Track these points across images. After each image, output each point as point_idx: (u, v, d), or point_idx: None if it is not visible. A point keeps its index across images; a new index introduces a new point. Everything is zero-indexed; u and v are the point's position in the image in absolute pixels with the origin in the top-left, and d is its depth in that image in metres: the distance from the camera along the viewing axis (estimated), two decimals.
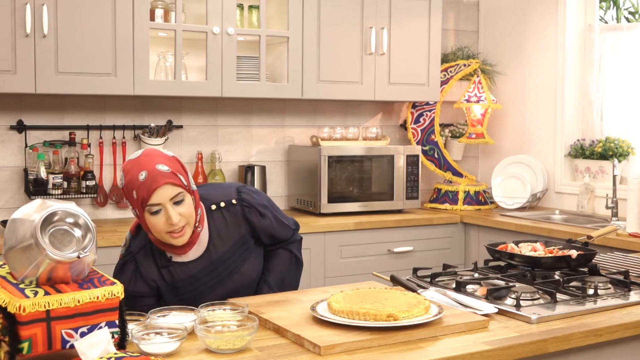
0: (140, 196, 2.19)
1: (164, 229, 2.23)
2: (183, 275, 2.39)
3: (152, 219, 2.23)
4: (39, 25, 3.70)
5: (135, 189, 2.20)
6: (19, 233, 1.71)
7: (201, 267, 2.41)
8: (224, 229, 2.45)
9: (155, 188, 2.18)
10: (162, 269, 2.38)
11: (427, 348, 1.91)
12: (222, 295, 2.42)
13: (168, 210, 2.20)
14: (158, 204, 2.20)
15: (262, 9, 4.29)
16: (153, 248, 2.37)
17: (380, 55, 4.65)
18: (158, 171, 2.20)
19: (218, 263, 2.43)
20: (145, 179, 2.19)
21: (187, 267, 2.39)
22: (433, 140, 5.11)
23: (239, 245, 2.47)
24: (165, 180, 2.20)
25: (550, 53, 4.98)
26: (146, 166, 2.21)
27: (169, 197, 2.21)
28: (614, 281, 2.56)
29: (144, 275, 2.37)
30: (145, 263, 2.37)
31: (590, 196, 4.63)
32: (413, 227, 4.53)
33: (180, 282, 2.39)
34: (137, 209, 2.25)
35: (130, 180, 2.22)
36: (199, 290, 2.41)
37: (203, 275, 2.41)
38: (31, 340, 1.66)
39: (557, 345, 2.04)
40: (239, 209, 2.48)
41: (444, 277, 2.65)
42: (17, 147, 4.07)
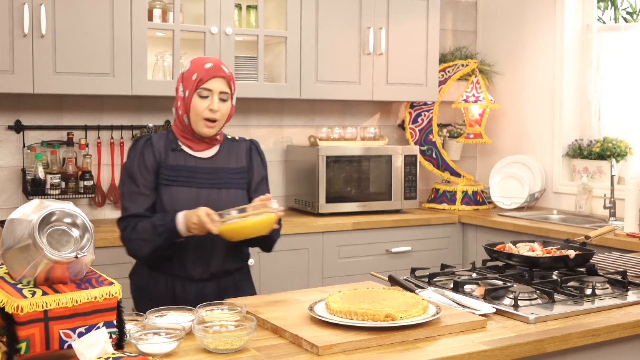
0: (199, 78, 2.58)
1: (203, 114, 2.60)
2: (185, 162, 2.65)
3: (198, 100, 2.60)
4: (37, 25, 3.70)
5: (197, 72, 2.60)
6: (17, 233, 1.71)
7: (202, 166, 2.67)
8: (233, 152, 2.76)
9: (215, 75, 2.59)
10: (171, 151, 2.66)
11: (425, 348, 1.91)
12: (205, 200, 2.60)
13: (214, 98, 2.60)
14: (210, 90, 2.60)
15: (260, 9, 4.29)
16: (169, 137, 2.69)
17: (378, 55, 4.65)
18: (222, 68, 2.63)
19: (215, 171, 2.68)
20: (210, 67, 2.60)
21: (191, 158, 2.67)
22: (431, 140, 5.12)
23: (238, 172, 2.74)
24: (224, 75, 2.61)
25: (548, 53, 4.99)
26: (214, 61, 2.64)
27: (220, 90, 2.61)
28: (612, 281, 2.56)
29: (155, 148, 2.64)
30: (157, 142, 2.67)
31: (588, 196, 4.63)
32: (411, 227, 4.54)
33: (181, 168, 2.64)
34: (189, 89, 2.60)
35: (195, 66, 2.62)
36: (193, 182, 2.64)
37: (200, 171, 2.66)
38: (29, 340, 1.66)
39: (554, 345, 2.04)
40: (247, 144, 2.82)
41: (442, 277, 2.65)
42: (15, 147, 4.07)
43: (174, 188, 2.62)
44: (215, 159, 2.71)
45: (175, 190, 2.62)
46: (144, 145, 2.66)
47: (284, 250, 4.11)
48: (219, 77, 2.60)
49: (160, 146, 2.66)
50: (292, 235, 4.14)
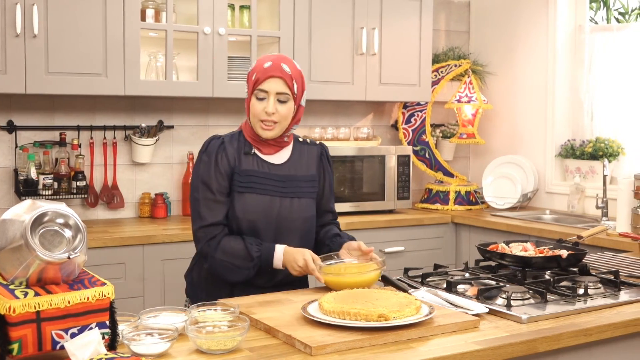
0: (256, 78, 2.52)
1: (260, 116, 2.52)
2: (258, 167, 2.58)
3: (255, 102, 2.53)
4: (29, 25, 3.69)
5: (256, 72, 2.53)
6: (9, 234, 1.71)
7: (274, 172, 2.59)
8: (304, 158, 2.68)
9: (270, 75, 2.50)
10: (244, 155, 2.58)
11: (418, 348, 1.91)
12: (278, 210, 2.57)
13: (270, 100, 2.51)
14: (265, 91, 2.51)
15: (253, 9, 4.29)
16: (240, 138, 2.61)
17: (371, 56, 4.65)
18: (281, 67, 2.51)
19: (288, 179, 2.60)
20: (268, 67, 2.51)
21: (264, 163, 2.59)
22: (424, 141, 5.12)
23: (309, 179, 2.66)
24: (281, 74, 2.50)
25: (541, 53, 5.00)
26: (274, 60, 2.54)
27: (276, 91, 2.51)
28: (604, 281, 2.57)
29: (228, 152, 2.57)
30: (230, 144, 2.59)
31: (581, 196, 4.64)
32: (404, 227, 4.54)
33: (252, 172, 2.56)
34: (249, 90, 2.56)
35: (257, 66, 2.55)
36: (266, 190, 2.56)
37: (272, 178, 2.58)
38: (21, 341, 1.65)
39: (547, 345, 2.04)
40: (318, 149, 2.74)
41: (435, 277, 2.65)
42: (7, 147, 4.06)
43: (247, 195, 2.54)
44: (287, 165, 2.62)
45: (248, 197, 2.54)
46: (218, 148, 2.57)
47: None
48: (275, 77, 2.50)
49: (234, 149, 2.58)
50: None
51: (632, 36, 4.63)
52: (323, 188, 2.74)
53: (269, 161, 2.60)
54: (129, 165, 4.37)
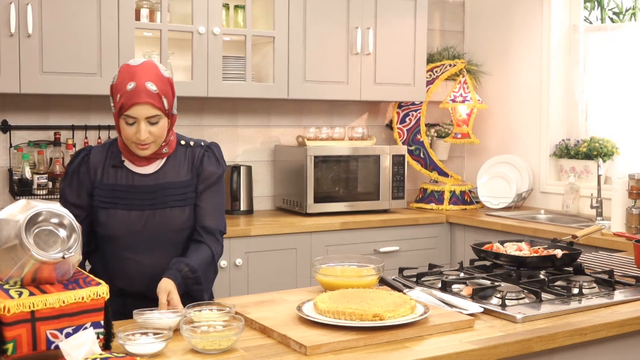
0: (121, 103, 2.28)
1: (131, 139, 2.33)
2: (126, 181, 2.42)
3: (125, 126, 2.33)
4: (24, 25, 3.68)
5: (120, 94, 2.29)
6: (4, 233, 1.70)
7: (144, 184, 2.42)
8: (180, 163, 2.47)
9: (135, 102, 2.28)
10: (111, 168, 2.42)
11: (412, 348, 1.91)
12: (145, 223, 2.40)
13: (140, 126, 2.30)
14: (134, 117, 2.29)
15: (248, 9, 4.28)
16: (111, 148, 2.46)
17: (366, 55, 4.65)
18: (146, 89, 2.29)
19: (159, 188, 2.43)
20: (132, 90, 2.28)
21: (133, 176, 2.43)
22: (419, 140, 5.13)
23: (183, 186, 2.46)
24: (148, 100, 2.28)
25: (535, 53, 5.00)
26: (138, 78, 2.29)
27: (145, 116, 2.30)
28: (599, 280, 2.57)
29: (91, 165, 2.43)
30: (96, 156, 2.44)
31: (575, 196, 4.65)
32: (399, 227, 4.54)
33: (120, 187, 2.41)
34: (115, 110, 2.34)
35: (119, 84, 2.32)
36: (132, 204, 2.40)
37: (142, 191, 2.41)
38: (16, 341, 1.65)
39: (542, 345, 2.05)
40: (201, 152, 2.50)
41: (430, 276, 2.66)
42: (2, 147, 4.05)
43: (110, 211, 2.40)
44: (157, 173, 2.43)
45: (111, 212, 2.40)
46: (81, 161, 2.44)
47: (272, 250, 4.11)
48: (142, 104, 2.27)
49: (98, 162, 2.42)
50: (280, 235, 4.14)
51: (627, 36, 4.64)
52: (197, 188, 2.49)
53: (138, 172, 2.42)
54: None
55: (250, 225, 4.14)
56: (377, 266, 2.49)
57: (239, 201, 4.52)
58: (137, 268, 2.42)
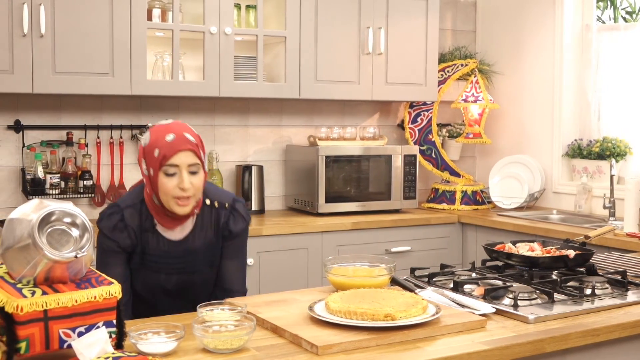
0: (162, 154, 2.32)
1: (173, 192, 2.35)
2: (158, 245, 2.46)
3: (165, 180, 2.34)
4: (37, 25, 3.70)
5: (159, 147, 2.33)
6: (17, 233, 1.71)
7: (176, 249, 2.48)
8: (207, 225, 2.53)
9: (179, 150, 2.33)
10: (143, 232, 2.44)
11: (424, 348, 1.91)
12: (175, 284, 2.51)
13: (183, 175, 2.34)
14: (176, 166, 2.34)
15: (260, 9, 4.29)
16: (142, 209, 2.45)
17: (377, 55, 4.65)
18: (185, 137, 2.36)
19: (188, 254, 2.49)
20: (172, 140, 2.34)
21: (165, 241, 2.47)
22: (430, 140, 5.12)
23: (211, 250, 2.53)
24: (190, 146, 2.35)
25: (548, 53, 4.99)
26: (175, 131, 2.36)
27: (188, 163, 2.35)
28: (612, 281, 2.56)
29: (128, 228, 2.43)
30: (130, 219, 2.44)
31: (588, 196, 4.63)
32: (410, 227, 4.54)
33: (152, 251, 2.46)
34: (153, 167, 2.35)
35: (155, 139, 2.36)
36: (161, 268, 2.48)
37: (174, 257, 2.48)
38: (29, 340, 1.65)
39: (554, 345, 2.04)
40: (227, 214, 2.55)
41: (442, 277, 2.65)
42: (15, 147, 4.07)
43: (141, 272, 2.49)
44: (187, 240, 2.49)
45: (142, 274, 2.49)
46: (117, 225, 2.43)
47: (284, 250, 4.11)
48: (184, 151, 2.34)
49: (135, 225, 2.44)
50: (291, 235, 4.14)
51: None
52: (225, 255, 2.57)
53: (169, 238, 2.47)
54: (136, 164, 4.37)
55: (262, 225, 4.15)
56: (389, 266, 2.48)
57: (251, 201, 4.53)
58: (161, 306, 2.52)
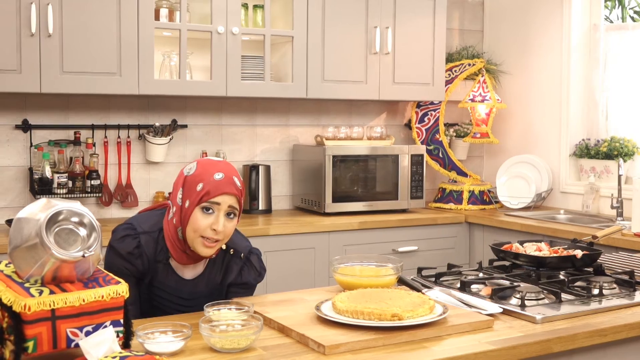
0: (206, 190, 2.24)
1: (204, 232, 2.26)
2: (167, 280, 2.39)
3: (200, 216, 2.25)
4: (44, 25, 3.70)
5: (205, 182, 2.25)
6: (24, 232, 1.71)
7: (183, 288, 2.40)
8: (217, 270, 2.46)
9: (226, 191, 2.25)
10: (156, 263, 2.36)
11: (431, 348, 1.91)
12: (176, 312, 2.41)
13: (220, 216, 2.26)
14: (217, 204, 2.25)
15: (267, 9, 4.29)
16: (159, 239, 2.37)
17: (384, 55, 4.64)
18: (233, 181, 2.28)
19: (194, 297, 2.42)
20: (220, 179, 2.25)
21: (174, 277, 2.40)
22: (438, 140, 5.11)
23: (217, 293, 2.46)
24: (236, 191, 2.27)
25: (555, 52, 4.97)
26: (225, 171, 2.28)
27: (228, 205, 2.26)
28: (619, 281, 2.55)
29: (143, 256, 2.34)
30: (146, 246, 2.35)
31: (595, 196, 4.62)
32: (417, 226, 4.53)
33: (160, 285, 2.39)
34: (190, 200, 2.27)
35: (202, 173, 2.27)
36: (165, 304, 2.41)
37: (178, 296, 2.41)
38: (36, 339, 1.66)
39: (561, 346, 2.04)
40: (240, 264, 2.47)
41: (449, 276, 2.65)
42: (22, 146, 4.08)
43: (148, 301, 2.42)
44: (197, 281, 2.42)
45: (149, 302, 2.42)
46: (133, 251, 2.34)
47: (291, 249, 4.11)
48: (230, 194, 2.26)
49: (150, 254, 2.35)
50: (298, 235, 4.14)
51: None
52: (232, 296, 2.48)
53: (180, 275, 2.40)
54: (143, 164, 4.38)
55: (269, 225, 4.15)
56: (396, 266, 2.48)
57: (258, 201, 4.53)
58: None
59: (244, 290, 2.50)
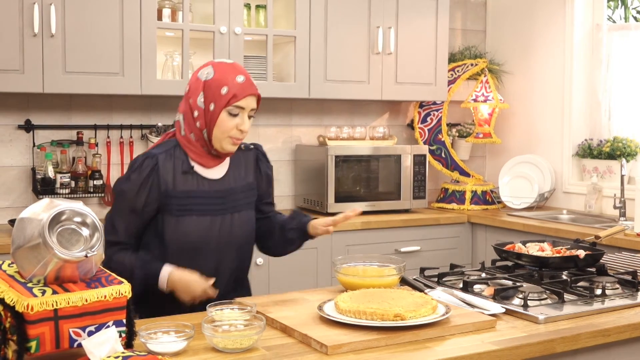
0: (232, 94, 2.36)
1: (231, 132, 2.39)
2: (198, 187, 2.44)
3: (227, 118, 2.38)
4: (47, 25, 3.71)
5: (229, 86, 2.37)
6: (27, 232, 1.71)
7: (217, 188, 2.47)
8: (241, 166, 2.56)
9: (250, 93, 2.40)
10: (181, 175, 2.42)
11: (434, 348, 1.91)
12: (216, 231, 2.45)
13: (244, 117, 2.40)
14: (242, 108, 2.39)
15: (269, 9, 4.29)
16: (176, 154, 2.43)
17: (387, 55, 4.64)
18: (252, 82, 2.44)
19: (228, 193, 2.48)
20: (243, 82, 2.39)
21: (205, 182, 2.46)
22: (440, 140, 5.11)
23: (248, 188, 2.56)
24: (256, 92, 2.43)
25: (558, 52, 4.97)
26: (244, 73, 2.43)
27: (252, 107, 2.42)
28: (622, 281, 2.55)
29: (161, 174, 2.39)
30: (165, 164, 2.41)
31: (598, 196, 4.62)
32: (420, 226, 4.53)
33: (194, 194, 2.42)
34: (216, 103, 2.37)
35: (224, 77, 2.39)
36: (206, 210, 2.44)
37: (213, 196, 2.45)
38: (39, 339, 1.66)
39: (564, 346, 2.03)
40: (253, 154, 2.62)
41: (451, 276, 2.65)
42: (25, 146, 4.08)
43: (187, 218, 2.40)
44: (226, 178, 2.50)
45: (188, 220, 2.40)
46: (151, 170, 2.39)
47: None
48: (253, 96, 2.41)
49: (168, 171, 2.40)
50: None
51: None
52: (261, 189, 2.63)
53: (208, 177, 2.46)
54: None
55: None
56: (398, 266, 2.48)
57: None
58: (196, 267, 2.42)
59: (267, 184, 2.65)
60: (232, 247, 2.50)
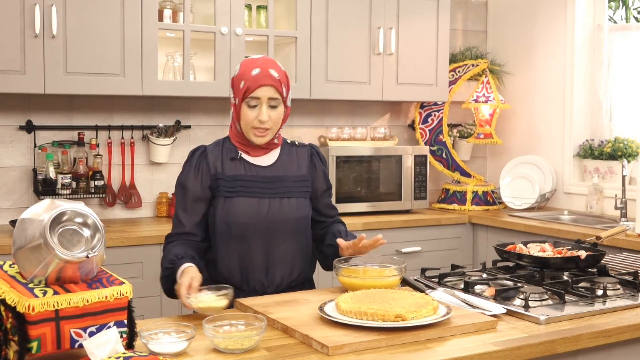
0: (246, 86, 2.49)
1: (252, 123, 2.51)
2: (246, 171, 2.56)
3: (247, 110, 2.51)
4: (48, 26, 3.71)
5: (245, 79, 2.50)
6: (28, 233, 1.72)
7: (262, 174, 2.57)
8: (294, 158, 2.66)
9: (262, 84, 2.48)
10: (229, 161, 2.56)
11: (435, 348, 1.91)
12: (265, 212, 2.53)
13: (262, 108, 2.49)
14: (257, 98, 2.49)
15: (270, 9, 4.29)
16: (225, 145, 2.60)
17: (388, 56, 4.64)
18: (269, 74, 2.50)
19: (277, 179, 2.58)
20: (257, 74, 2.49)
21: (254, 167, 2.57)
22: (441, 141, 5.11)
23: (300, 179, 2.63)
24: (271, 82, 2.49)
25: (559, 53, 4.97)
26: (261, 66, 2.52)
27: (268, 96, 2.50)
28: (623, 282, 2.55)
29: (210, 160, 2.56)
30: (214, 151, 2.59)
31: (599, 197, 4.62)
32: (421, 227, 4.53)
33: (242, 177, 2.55)
34: (238, 98, 2.52)
35: (243, 72, 2.53)
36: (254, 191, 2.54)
37: (260, 180, 2.56)
38: (40, 339, 1.66)
39: (565, 346, 2.03)
40: (307, 150, 2.71)
41: (452, 277, 2.64)
42: (26, 147, 4.09)
43: (235, 199, 2.52)
44: (276, 166, 2.60)
45: (236, 201, 2.51)
46: (199, 157, 2.57)
47: None
48: (266, 86, 2.49)
49: (216, 157, 2.57)
50: None
51: None
52: (318, 186, 2.70)
53: (257, 164, 2.58)
54: (147, 165, 4.39)
55: None
56: (400, 267, 2.48)
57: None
58: (246, 260, 2.54)
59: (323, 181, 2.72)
60: (285, 233, 2.56)
